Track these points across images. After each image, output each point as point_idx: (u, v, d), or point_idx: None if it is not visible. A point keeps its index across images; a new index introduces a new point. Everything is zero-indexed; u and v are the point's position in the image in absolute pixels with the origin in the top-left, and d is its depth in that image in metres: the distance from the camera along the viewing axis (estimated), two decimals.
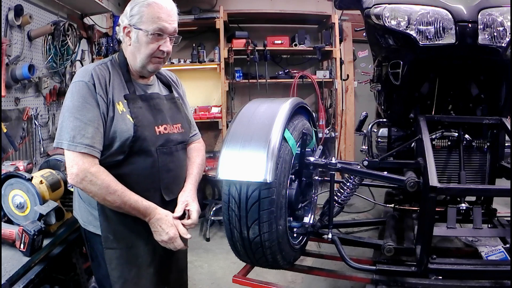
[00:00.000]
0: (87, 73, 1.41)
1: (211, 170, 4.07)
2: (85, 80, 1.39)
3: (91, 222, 1.49)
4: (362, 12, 2.06)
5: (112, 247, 1.46)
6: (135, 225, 1.47)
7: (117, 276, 1.47)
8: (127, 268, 1.48)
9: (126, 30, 1.46)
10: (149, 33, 1.42)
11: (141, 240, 1.50)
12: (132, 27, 1.44)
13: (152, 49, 1.44)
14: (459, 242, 2.43)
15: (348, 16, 4.64)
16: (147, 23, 1.41)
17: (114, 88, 1.44)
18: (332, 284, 2.73)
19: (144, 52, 1.44)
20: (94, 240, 1.50)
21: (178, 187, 1.57)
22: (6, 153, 2.34)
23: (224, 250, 3.36)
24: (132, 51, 1.47)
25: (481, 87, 1.96)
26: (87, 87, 1.38)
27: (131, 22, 1.43)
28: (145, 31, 1.41)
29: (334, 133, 4.66)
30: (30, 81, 2.55)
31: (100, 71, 1.43)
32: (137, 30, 1.42)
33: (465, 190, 1.76)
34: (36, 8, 2.72)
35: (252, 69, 4.48)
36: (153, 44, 1.44)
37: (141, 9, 1.42)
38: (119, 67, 1.50)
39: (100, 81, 1.40)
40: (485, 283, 1.56)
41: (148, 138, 1.44)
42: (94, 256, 1.55)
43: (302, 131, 1.74)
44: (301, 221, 1.91)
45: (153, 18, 1.41)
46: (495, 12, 1.70)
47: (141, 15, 1.42)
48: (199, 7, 4.43)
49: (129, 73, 1.51)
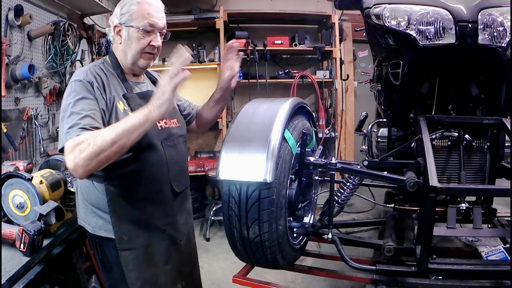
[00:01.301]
0: (83, 72, 1.42)
1: (211, 170, 4.07)
2: (81, 78, 1.39)
3: (101, 226, 1.48)
4: (362, 12, 2.06)
5: (128, 248, 1.46)
6: (149, 222, 1.48)
7: (135, 277, 1.47)
8: (145, 268, 1.48)
9: (117, 29, 1.49)
10: (140, 29, 1.46)
11: (156, 237, 1.51)
12: (123, 25, 1.47)
13: (143, 44, 1.48)
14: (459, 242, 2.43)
15: (348, 16, 4.64)
16: (137, 19, 1.46)
17: (113, 88, 1.45)
18: (332, 284, 2.73)
19: (135, 47, 1.48)
20: (106, 244, 1.49)
21: (185, 178, 1.64)
22: (6, 153, 2.34)
23: (224, 250, 3.36)
24: (123, 48, 1.50)
25: (481, 87, 1.96)
26: (82, 85, 1.38)
27: (122, 21, 1.47)
28: (136, 27, 1.45)
29: (334, 133, 4.66)
30: (30, 81, 2.56)
31: (95, 71, 1.44)
32: (128, 27, 1.46)
33: (465, 190, 1.76)
34: (36, 8, 2.72)
35: (252, 69, 4.48)
36: (144, 40, 1.48)
37: (131, 7, 1.46)
38: (112, 68, 1.52)
39: (97, 80, 1.41)
40: (485, 283, 1.56)
41: (153, 132, 1.46)
42: (106, 261, 1.54)
43: (302, 131, 1.74)
44: (301, 221, 1.91)
45: (143, 14, 1.46)
46: (495, 12, 1.70)
47: (131, 13, 1.46)
48: (199, 7, 4.44)
49: (123, 73, 1.53)
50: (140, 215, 1.46)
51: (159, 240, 1.53)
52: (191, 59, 1.47)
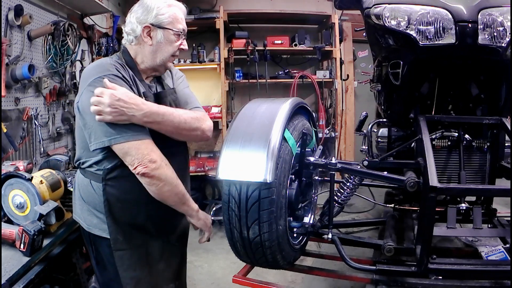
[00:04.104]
0: (108, 66, 1.39)
1: (211, 170, 4.07)
2: (111, 73, 1.37)
3: (96, 225, 1.47)
4: (362, 12, 2.06)
5: (122, 248, 1.45)
6: (144, 224, 1.48)
7: (129, 277, 1.46)
8: (139, 267, 1.48)
9: (147, 30, 1.46)
10: (175, 33, 1.48)
11: (149, 237, 1.51)
12: (155, 27, 1.46)
13: (176, 47, 1.52)
14: (459, 242, 2.43)
15: (348, 16, 4.64)
16: (174, 23, 1.48)
17: (136, 84, 1.45)
18: (332, 284, 2.72)
19: (169, 50, 1.50)
20: (100, 243, 1.49)
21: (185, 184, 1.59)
22: (6, 153, 2.34)
23: (224, 250, 3.36)
24: (153, 50, 1.49)
25: (481, 87, 1.96)
26: (117, 79, 1.36)
27: (155, 22, 1.46)
28: (175, 30, 1.48)
29: (334, 133, 4.65)
30: (30, 81, 2.55)
31: (118, 65, 1.42)
32: (163, 29, 1.46)
33: (465, 190, 1.76)
34: (36, 8, 2.72)
35: (252, 69, 4.48)
36: (177, 43, 1.51)
37: (165, 9, 1.47)
38: (128, 66, 1.48)
39: (124, 75, 1.40)
40: (485, 283, 1.56)
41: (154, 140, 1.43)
42: (100, 260, 1.53)
43: (302, 131, 1.74)
44: (301, 221, 1.91)
45: (177, 18, 1.49)
46: (495, 12, 1.70)
47: (167, 15, 1.46)
48: (199, 7, 4.43)
49: (139, 73, 1.51)
50: (136, 217, 1.45)
51: (154, 241, 1.52)
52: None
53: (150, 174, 1.35)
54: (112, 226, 1.43)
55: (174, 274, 1.65)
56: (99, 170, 1.42)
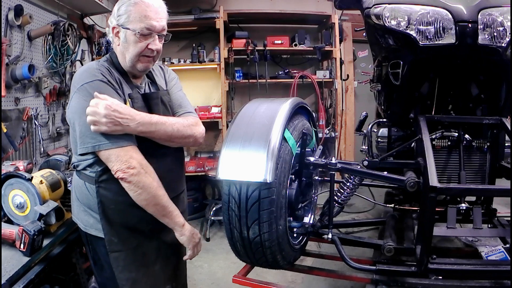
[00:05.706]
0: (93, 71, 1.39)
1: (211, 170, 4.07)
2: (97, 78, 1.37)
3: (92, 225, 1.47)
4: (362, 12, 2.06)
5: (117, 250, 1.45)
6: (138, 225, 1.47)
7: (125, 278, 1.46)
8: (135, 268, 1.48)
9: (115, 31, 1.45)
10: (136, 32, 1.40)
11: (145, 238, 1.50)
12: (120, 27, 1.43)
13: (141, 47, 1.42)
14: (459, 242, 2.44)
15: (348, 16, 4.64)
16: (134, 22, 1.40)
17: (122, 86, 1.44)
18: (332, 284, 2.72)
19: (133, 51, 1.43)
20: (96, 243, 1.49)
21: (180, 184, 1.61)
22: (6, 153, 2.34)
23: (224, 250, 3.36)
24: (121, 50, 1.46)
25: (481, 87, 1.96)
26: (102, 84, 1.36)
27: (119, 22, 1.42)
28: (132, 30, 1.40)
29: (334, 133, 4.65)
30: (30, 81, 2.56)
31: (103, 70, 1.41)
32: (125, 29, 1.41)
33: (465, 190, 1.76)
34: (36, 8, 2.72)
35: (252, 69, 4.48)
36: (142, 43, 1.42)
37: (128, 8, 1.40)
38: (115, 68, 1.48)
39: (109, 79, 1.40)
40: (485, 283, 1.56)
41: (148, 140, 1.43)
42: (97, 259, 1.53)
43: (302, 131, 1.74)
44: (301, 221, 1.91)
45: (140, 17, 1.40)
46: (495, 12, 1.70)
47: (128, 15, 1.40)
48: (199, 7, 4.43)
49: (126, 73, 1.50)
50: (129, 219, 1.45)
51: (149, 242, 1.52)
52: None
53: (128, 180, 1.34)
54: (106, 227, 1.43)
55: (171, 274, 1.65)
56: (92, 172, 1.42)
